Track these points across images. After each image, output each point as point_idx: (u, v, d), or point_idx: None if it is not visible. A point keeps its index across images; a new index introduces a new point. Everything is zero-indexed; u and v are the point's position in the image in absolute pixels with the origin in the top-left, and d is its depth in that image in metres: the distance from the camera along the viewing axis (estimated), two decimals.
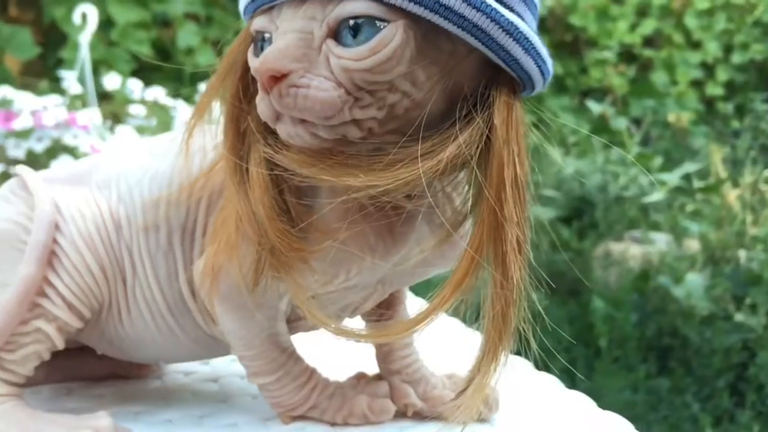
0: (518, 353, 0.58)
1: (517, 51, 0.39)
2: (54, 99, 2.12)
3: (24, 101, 2.10)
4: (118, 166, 0.50)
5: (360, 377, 0.53)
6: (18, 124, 2.02)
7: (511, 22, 0.38)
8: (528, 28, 0.39)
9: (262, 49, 0.40)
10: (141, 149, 0.51)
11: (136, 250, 0.48)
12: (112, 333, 0.50)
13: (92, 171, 0.51)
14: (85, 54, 2.44)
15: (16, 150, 2.01)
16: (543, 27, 4.47)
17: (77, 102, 2.20)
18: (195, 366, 0.61)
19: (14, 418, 0.45)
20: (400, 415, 0.52)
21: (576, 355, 2.16)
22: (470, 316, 0.43)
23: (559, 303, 2.42)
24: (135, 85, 2.47)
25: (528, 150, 0.42)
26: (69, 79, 2.24)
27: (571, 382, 2.07)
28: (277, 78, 0.37)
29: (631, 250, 2.56)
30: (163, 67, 3.02)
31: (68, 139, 2.02)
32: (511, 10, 0.39)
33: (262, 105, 0.39)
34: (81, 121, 2.06)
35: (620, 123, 3.24)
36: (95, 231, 0.48)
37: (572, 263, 2.51)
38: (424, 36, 0.38)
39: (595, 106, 3.26)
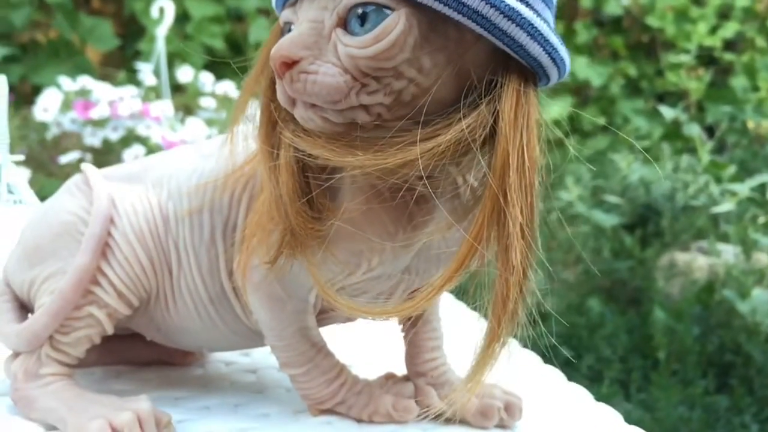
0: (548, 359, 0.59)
1: (521, 36, 0.40)
2: (130, 90, 2.21)
3: (102, 91, 2.20)
4: (170, 166, 0.53)
5: (389, 377, 0.55)
6: (95, 114, 2.12)
7: (513, 8, 0.39)
8: (532, 14, 0.40)
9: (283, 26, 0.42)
10: (192, 150, 0.54)
11: (182, 244, 0.51)
12: (159, 320, 0.53)
13: (148, 170, 0.54)
14: (160, 47, 2.53)
15: (92, 138, 2.11)
16: (618, 27, 4.38)
17: (151, 94, 2.29)
18: (235, 356, 0.64)
19: (64, 397, 0.49)
20: (424, 416, 0.53)
21: (633, 366, 2.12)
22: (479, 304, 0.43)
23: (618, 311, 2.38)
24: (207, 79, 2.55)
25: (540, 138, 0.42)
26: (145, 71, 2.33)
27: (625, 393, 2.02)
28: (289, 64, 0.39)
29: (697, 261, 2.49)
30: (234, 61, 3.12)
31: (141, 130, 2.11)
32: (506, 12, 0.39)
33: (279, 90, 0.41)
34: (154, 113, 2.14)
35: (693, 129, 3.15)
36: (146, 225, 0.51)
37: (634, 272, 2.46)
38: (430, 23, 0.39)
39: (667, 111, 3.17)
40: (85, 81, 2.26)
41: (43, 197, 2.07)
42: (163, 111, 2.16)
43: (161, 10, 2.53)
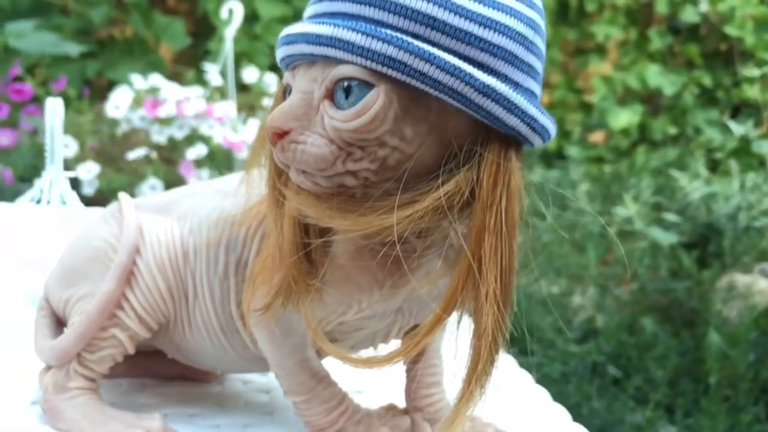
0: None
1: (497, 110, 0.42)
2: (196, 90, 2.29)
3: (170, 91, 2.29)
4: (195, 202, 0.57)
5: (389, 408, 0.58)
6: (162, 112, 2.21)
7: (487, 85, 0.41)
8: (508, 88, 0.42)
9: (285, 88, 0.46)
10: (214, 188, 0.58)
11: (198, 276, 0.55)
12: (177, 342, 0.58)
13: (176, 203, 0.58)
14: (228, 48, 2.61)
15: (159, 136, 2.21)
16: (695, 35, 4.25)
17: (216, 94, 2.37)
18: (253, 375, 0.67)
19: (86, 411, 0.54)
20: None
21: (682, 389, 2.08)
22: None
23: (671, 332, 2.33)
24: (271, 79, 2.61)
25: (521, 204, 0.44)
26: (212, 72, 2.41)
27: (670, 417, 1.99)
28: (280, 134, 0.42)
29: (758, 285, 2.42)
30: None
31: (204, 129, 2.19)
32: (492, 72, 0.42)
33: (274, 154, 0.44)
34: (217, 113, 2.22)
35: (764, 146, 3.05)
36: (167, 257, 0.55)
37: (691, 292, 2.41)
38: (411, 96, 0.42)
39: (736, 127, 3.08)
40: (155, 79, 2.36)
41: (111, 191, 2.18)
42: (226, 112, 2.24)
43: (230, 12, 2.60)
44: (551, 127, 0.45)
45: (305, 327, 0.52)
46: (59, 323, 0.59)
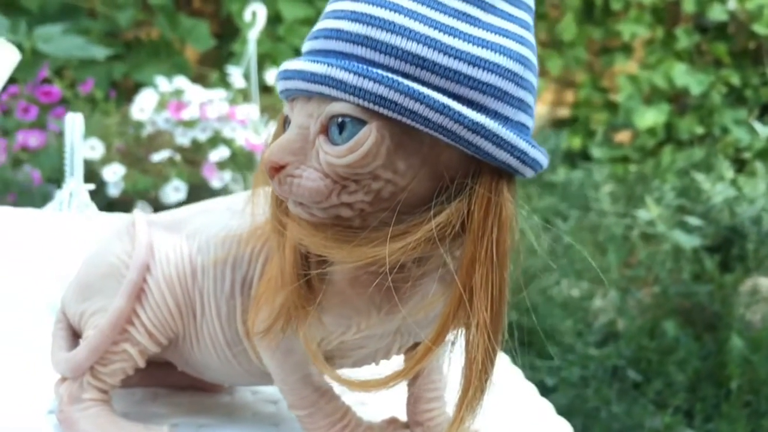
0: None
1: (487, 146, 0.43)
2: (219, 93, 2.32)
3: (194, 93, 2.32)
4: (204, 220, 0.59)
5: (391, 422, 0.59)
6: (186, 115, 2.24)
7: (477, 122, 0.42)
8: (497, 124, 0.43)
9: (284, 129, 0.47)
10: (224, 205, 0.60)
11: (205, 294, 0.57)
12: (186, 356, 0.60)
13: (187, 220, 0.60)
14: (252, 51, 2.64)
15: (182, 138, 2.24)
16: (722, 33, 4.19)
17: (239, 96, 2.40)
18: (261, 386, 0.69)
19: (98, 422, 0.56)
20: None
21: (703, 394, 2.07)
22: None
23: (693, 336, 2.32)
24: None
25: (512, 234, 0.45)
26: (235, 74, 2.43)
27: (689, 422, 1.98)
28: (277, 168, 0.44)
29: None
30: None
31: (227, 132, 2.22)
32: (482, 109, 0.43)
33: (272, 187, 0.46)
34: (240, 116, 2.25)
35: None
36: (176, 275, 0.57)
37: (713, 296, 2.39)
38: (404, 131, 0.43)
39: (762, 128, 3.03)
40: (180, 82, 2.40)
41: (136, 192, 2.21)
42: (248, 114, 2.26)
43: (253, 14, 2.63)
44: (542, 159, 0.46)
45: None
46: (75, 335, 0.61)
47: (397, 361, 0.57)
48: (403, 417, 0.60)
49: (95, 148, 2.17)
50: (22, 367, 0.68)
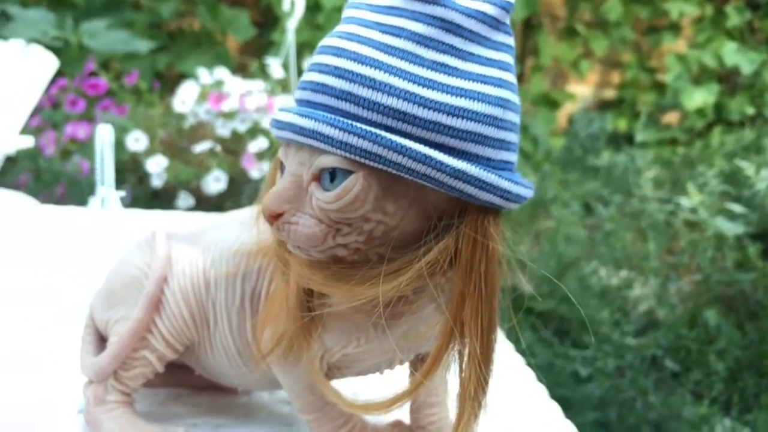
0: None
1: (470, 190, 0.44)
2: (258, 84, 2.36)
3: (233, 85, 2.37)
4: (219, 234, 0.62)
5: (395, 425, 0.62)
6: (226, 106, 2.29)
7: (458, 169, 0.44)
8: (479, 169, 0.44)
9: (281, 172, 0.49)
10: (237, 219, 0.63)
11: (218, 306, 0.60)
12: (202, 361, 0.63)
13: (204, 233, 0.63)
14: (290, 40, 2.67)
15: (223, 129, 2.29)
16: None
17: (278, 87, 2.43)
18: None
19: (120, 423, 0.60)
20: None
21: (744, 384, 2.05)
22: None
23: (734, 325, 2.29)
24: None
25: (501, 266, 0.47)
26: (273, 65, 2.47)
27: (726, 411, 1.96)
28: (276, 216, 0.46)
29: None
30: None
31: (265, 123, 2.26)
32: (463, 155, 0.44)
33: (272, 231, 0.48)
34: (277, 107, 2.29)
35: None
36: (191, 287, 0.60)
37: (756, 284, 2.35)
38: (391, 176, 0.45)
39: None
40: (221, 73, 2.44)
41: (179, 182, 2.27)
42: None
43: (292, 3, 2.66)
44: (526, 193, 0.47)
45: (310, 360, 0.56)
46: (102, 340, 0.65)
47: (402, 371, 0.60)
48: (407, 420, 0.63)
49: (139, 140, 2.24)
50: (58, 367, 0.73)
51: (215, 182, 2.22)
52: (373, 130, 0.44)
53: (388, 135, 0.44)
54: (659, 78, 4.18)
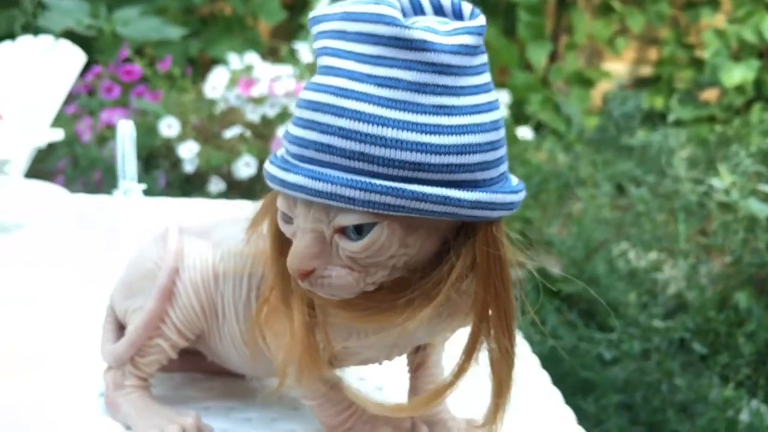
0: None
1: (483, 213, 0.47)
2: (287, 69, 2.39)
3: (263, 70, 2.40)
4: (229, 230, 0.65)
5: (397, 407, 0.65)
6: (256, 91, 2.33)
7: (473, 201, 0.46)
8: (489, 195, 0.47)
9: (285, 221, 0.50)
10: (244, 216, 0.66)
11: (226, 299, 0.63)
12: (213, 349, 0.67)
13: (215, 228, 0.66)
14: None
15: (252, 114, 2.33)
16: None
17: (307, 72, 2.46)
18: None
19: (137, 406, 0.64)
20: None
21: None
22: None
23: (765, 307, 2.26)
24: None
25: (510, 262, 0.51)
26: (302, 50, 2.49)
27: (753, 393, 1.95)
28: (306, 273, 0.48)
29: None
30: None
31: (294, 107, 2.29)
32: (474, 186, 0.47)
33: (301, 285, 0.50)
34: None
35: None
36: (201, 280, 0.64)
37: None
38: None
39: None
40: (251, 58, 2.48)
41: (210, 168, 2.32)
42: None
43: None
44: (523, 196, 0.50)
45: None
46: (121, 328, 0.69)
47: (400, 361, 0.63)
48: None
49: (172, 126, 2.29)
50: (83, 354, 0.78)
51: (245, 167, 2.26)
52: (392, 184, 0.45)
53: (407, 186, 0.45)
54: (697, 54, 4.09)
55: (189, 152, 2.24)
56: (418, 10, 0.49)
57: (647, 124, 3.81)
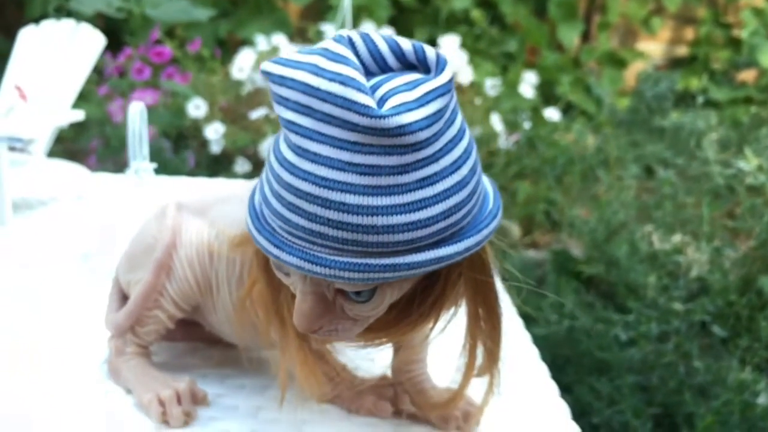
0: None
1: (474, 251, 0.50)
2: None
3: (289, 51, 2.43)
4: (224, 209, 0.68)
5: (381, 379, 0.68)
6: None
7: (464, 249, 0.48)
8: (477, 237, 0.49)
9: (282, 272, 0.52)
10: (239, 196, 0.69)
11: (220, 276, 0.67)
12: (209, 320, 0.71)
13: (213, 206, 0.70)
14: (347, 5, 2.70)
15: None
16: None
17: None
18: None
19: (136, 372, 0.68)
20: (398, 415, 0.67)
21: None
22: None
23: None
24: (388, 33, 2.68)
25: (494, 269, 0.54)
26: (328, 31, 2.52)
27: None
28: (314, 330, 0.50)
29: None
30: (422, 11, 3.20)
31: None
32: (462, 234, 0.49)
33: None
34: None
35: None
36: (196, 256, 0.68)
37: None
38: None
39: None
40: (278, 39, 2.51)
41: (236, 148, 2.37)
42: None
43: None
44: (500, 211, 0.52)
45: None
46: (125, 299, 0.74)
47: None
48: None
49: (199, 107, 2.34)
50: (89, 321, 0.83)
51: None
52: (387, 261, 0.46)
53: (402, 260, 0.46)
54: (735, 34, 4.00)
55: (215, 133, 2.29)
56: (381, 62, 0.47)
57: (681, 105, 3.75)
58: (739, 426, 1.72)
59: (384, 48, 0.47)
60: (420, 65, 0.47)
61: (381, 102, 0.44)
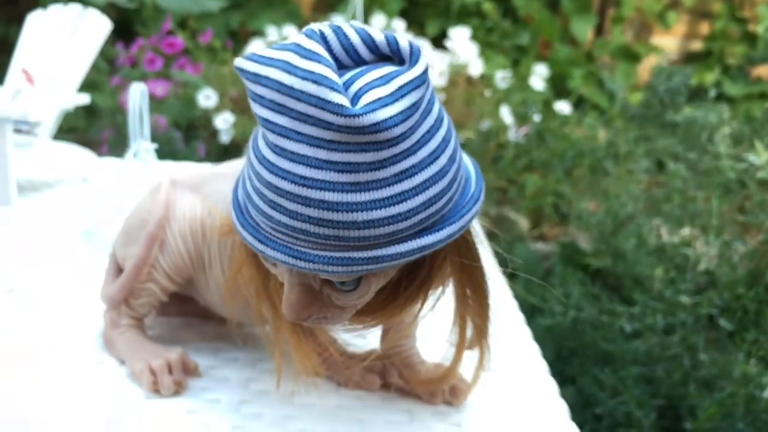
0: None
1: (457, 236, 0.50)
2: None
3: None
4: (217, 185, 0.69)
5: (370, 353, 0.70)
6: None
7: (447, 236, 0.49)
8: (460, 222, 0.50)
9: (269, 263, 0.53)
10: (232, 172, 0.71)
11: (213, 251, 0.68)
12: (202, 294, 0.72)
13: (207, 182, 0.71)
14: None
15: None
16: None
17: None
18: None
19: (130, 342, 0.70)
20: (386, 388, 0.68)
21: None
22: None
23: None
24: (398, 26, 2.69)
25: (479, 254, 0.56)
26: (339, 23, 2.52)
27: None
28: (303, 319, 0.51)
29: None
30: (434, 3, 3.20)
31: None
32: (445, 222, 0.49)
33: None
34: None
35: None
36: (189, 231, 0.69)
37: None
38: None
39: None
40: (288, 31, 2.53)
41: (245, 138, 2.39)
42: None
43: None
44: (482, 191, 0.52)
45: None
46: (122, 273, 0.76)
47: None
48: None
49: (210, 98, 2.36)
50: (88, 297, 0.85)
51: None
52: (371, 254, 0.46)
53: (384, 251, 0.47)
54: (751, 29, 3.97)
55: (224, 123, 2.31)
56: (354, 55, 0.46)
57: (695, 100, 3.73)
58: (743, 419, 1.71)
59: (356, 40, 0.46)
60: (394, 56, 0.47)
61: (355, 99, 0.44)
